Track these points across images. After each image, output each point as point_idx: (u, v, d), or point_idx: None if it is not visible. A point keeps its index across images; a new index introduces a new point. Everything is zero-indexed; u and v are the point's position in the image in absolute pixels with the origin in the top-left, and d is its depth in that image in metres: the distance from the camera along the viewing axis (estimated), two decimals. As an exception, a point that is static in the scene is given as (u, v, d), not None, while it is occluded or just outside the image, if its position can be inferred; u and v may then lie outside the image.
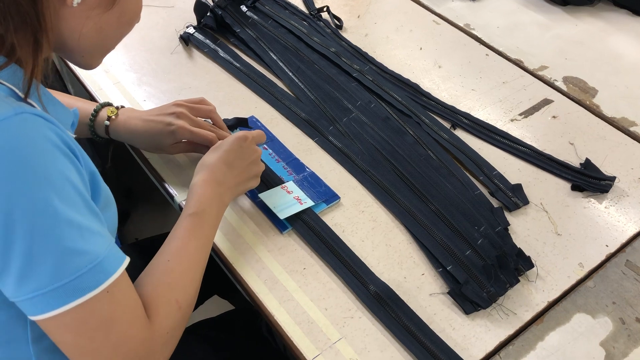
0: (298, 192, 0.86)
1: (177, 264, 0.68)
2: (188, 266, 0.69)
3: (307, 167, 0.92)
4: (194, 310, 1.06)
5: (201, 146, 0.86)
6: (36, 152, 0.52)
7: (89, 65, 0.68)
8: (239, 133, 0.81)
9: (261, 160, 0.84)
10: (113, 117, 0.87)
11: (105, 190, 0.67)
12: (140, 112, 0.89)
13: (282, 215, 0.82)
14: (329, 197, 0.88)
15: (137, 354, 0.59)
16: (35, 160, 0.52)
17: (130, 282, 0.61)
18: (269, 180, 0.88)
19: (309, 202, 0.85)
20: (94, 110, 0.87)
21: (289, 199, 0.85)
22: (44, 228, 0.52)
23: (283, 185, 0.87)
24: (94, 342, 0.56)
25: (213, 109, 0.89)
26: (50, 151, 0.54)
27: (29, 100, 0.58)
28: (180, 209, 0.86)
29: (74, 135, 0.66)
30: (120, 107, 0.89)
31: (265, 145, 0.95)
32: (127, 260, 0.60)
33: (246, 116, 1.00)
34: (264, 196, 0.85)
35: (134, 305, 0.60)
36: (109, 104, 0.89)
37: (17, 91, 0.57)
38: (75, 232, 0.54)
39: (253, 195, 0.87)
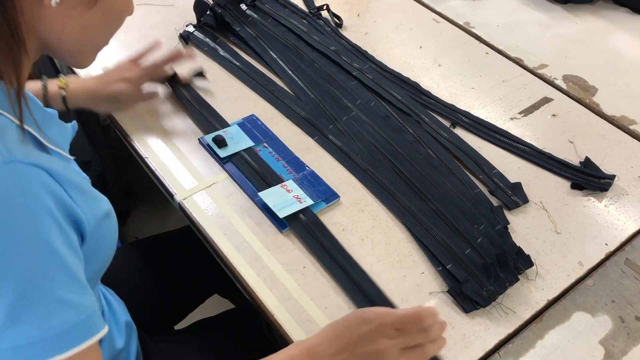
0: (298, 190, 0.87)
1: None
2: None
3: (307, 166, 0.92)
4: (194, 309, 1.07)
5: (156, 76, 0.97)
6: (17, 213, 0.49)
7: (80, 65, 0.65)
8: (368, 312, 0.62)
9: None
10: (65, 87, 0.89)
11: (105, 206, 0.64)
12: (87, 78, 0.94)
13: (282, 214, 0.83)
14: (328, 195, 0.88)
15: None
16: (14, 221, 0.49)
17: (98, 353, 0.56)
18: (268, 178, 0.88)
19: (308, 201, 0.85)
20: (43, 85, 0.89)
21: (288, 198, 0.85)
22: (9, 289, 0.49)
23: (283, 184, 0.87)
24: None
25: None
26: (33, 214, 0.50)
27: (25, 127, 0.54)
28: (180, 208, 0.87)
29: (71, 157, 0.63)
30: (63, 76, 0.92)
31: (265, 144, 0.95)
32: (100, 333, 0.55)
33: (246, 115, 1.00)
34: (264, 195, 0.85)
35: None
36: (52, 78, 0.91)
37: (8, 116, 0.53)
38: (42, 302, 0.51)
39: (253, 193, 0.87)
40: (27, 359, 0.50)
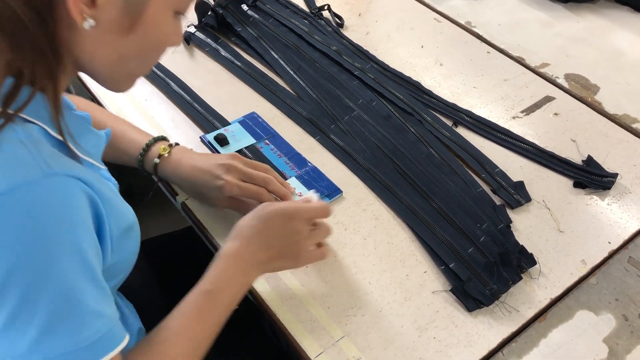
0: (300, 187, 0.87)
1: (174, 347, 0.62)
2: (186, 351, 0.63)
3: (309, 162, 0.92)
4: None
5: (254, 204, 0.77)
6: (55, 225, 0.50)
7: (116, 89, 0.63)
8: (288, 207, 0.71)
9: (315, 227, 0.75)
10: (165, 155, 0.82)
11: (131, 218, 0.65)
12: (193, 154, 0.83)
13: None
14: (331, 191, 0.88)
15: None
16: (52, 231, 0.49)
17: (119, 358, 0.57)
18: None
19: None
20: (146, 145, 0.83)
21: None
22: (37, 297, 0.49)
23: (287, 180, 0.88)
24: None
25: (268, 177, 0.80)
26: (71, 224, 0.51)
27: (57, 137, 0.54)
28: (182, 208, 0.87)
29: (104, 168, 0.63)
30: (174, 144, 0.84)
31: (266, 141, 0.95)
32: (124, 342, 0.56)
33: (247, 113, 1.00)
34: None
35: None
36: (163, 138, 0.84)
37: (46, 127, 0.54)
38: (70, 310, 0.51)
39: None
40: None
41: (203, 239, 0.87)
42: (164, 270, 1.01)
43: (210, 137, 0.94)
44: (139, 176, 0.87)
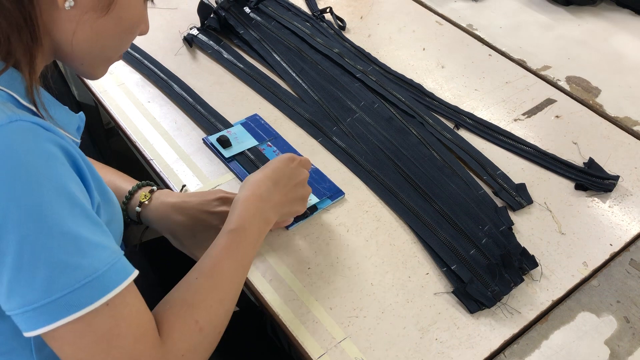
0: None
1: (205, 283, 0.63)
2: (218, 286, 0.64)
3: (312, 164, 0.92)
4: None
5: None
6: (30, 160, 0.50)
7: (92, 75, 0.65)
8: (287, 154, 0.79)
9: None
10: (145, 202, 0.81)
11: (114, 200, 0.66)
12: (174, 194, 0.82)
13: None
14: (333, 192, 0.88)
15: None
16: (29, 169, 0.50)
17: (140, 296, 0.57)
18: None
19: (313, 199, 0.86)
20: (129, 192, 0.82)
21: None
22: (34, 239, 0.49)
23: None
24: (94, 357, 0.53)
25: None
26: (46, 159, 0.51)
27: (29, 106, 0.56)
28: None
29: (79, 140, 0.64)
30: (156, 189, 0.83)
31: (269, 142, 0.96)
32: (134, 273, 0.56)
33: (249, 115, 1.00)
34: None
35: (141, 321, 0.56)
36: (148, 184, 0.83)
37: (16, 96, 0.55)
38: (70, 244, 0.51)
39: None
40: (77, 303, 0.51)
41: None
42: (164, 271, 1.01)
43: (213, 139, 0.94)
44: (144, 179, 0.86)
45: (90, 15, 0.58)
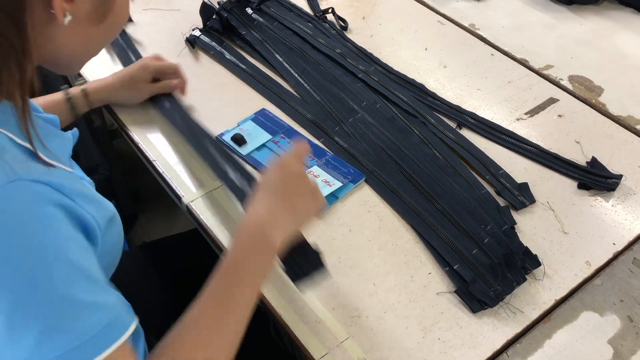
0: (324, 175, 0.88)
1: (188, 336, 0.60)
2: (202, 337, 0.59)
3: (328, 151, 0.93)
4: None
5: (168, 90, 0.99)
6: (28, 225, 0.49)
7: (71, 72, 0.65)
8: (276, 159, 0.69)
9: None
10: (84, 84, 0.94)
11: (110, 209, 0.64)
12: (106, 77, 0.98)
13: None
14: (354, 177, 0.89)
15: None
16: (26, 234, 0.49)
17: (132, 354, 0.56)
18: None
19: (337, 184, 0.88)
20: (65, 94, 0.93)
21: (317, 183, 0.86)
22: (27, 303, 0.49)
23: (309, 170, 0.89)
24: None
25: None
26: (44, 224, 0.50)
27: (24, 144, 0.54)
28: (188, 211, 0.87)
29: (69, 169, 0.61)
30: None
31: (282, 135, 0.96)
32: (129, 330, 0.55)
33: (252, 114, 1.00)
34: None
35: None
36: (69, 86, 0.95)
37: (11, 135, 0.53)
38: (62, 308, 0.50)
39: None
40: None
41: (208, 241, 0.87)
42: (167, 272, 1.01)
43: (227, 137, 0.95)
44: (146, 180, 0.87)
45: (84, 26, 0.57)
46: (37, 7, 0.52)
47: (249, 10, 1.22)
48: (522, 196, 0.89)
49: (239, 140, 0.94)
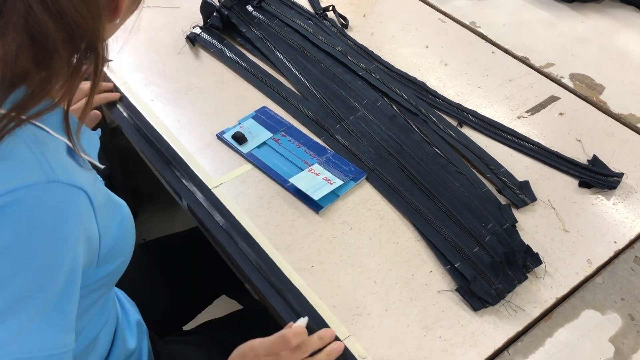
0: (325, 173, 0.89)
1: None
2: None
3: (328, 149, 0.93)
4: (202, 310, 1.08)
5: None
6: (49, 234, 0.50)
7: None
8: (288, 331, 0.66)
9: None
10: None
11: (123, 211, 0.65)
12: None
13: (316, 196, 0.85)
14: (355, 175, 0.89)
15: None
16: (45, 241, 0.50)
17: None
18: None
19: (337, 182, 0.88)
20: None
21: (318, 181, 0.87)
22: (27, 296, 0.50)
23: (310, 168, 0.89)
24: None
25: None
26: (64, 239, 0.51)
27: (61, 138, 0.54)
28: (189, 209, 0.87)
29: (99, 165, 0.62)
30: None
31: (283, 132, 0.96)
32: None
33: (253, 112, 1.00)
34: (295, 180, 0.87)
35: None
36: None
37: (47, 129, 0.54)
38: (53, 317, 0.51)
39: (283, 180, 0.89)
40: None
41: (208, 240, 0.87)
42: (168, 270, 1.01)
43: (228, 136, 0.95)
44: (146, 178, 0.87)
45: (118, 25, 0.60)
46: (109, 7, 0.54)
47: (250, 8, 1.22)
48: (523, 194, 0.89)
49: (240, 138, 0.94)
